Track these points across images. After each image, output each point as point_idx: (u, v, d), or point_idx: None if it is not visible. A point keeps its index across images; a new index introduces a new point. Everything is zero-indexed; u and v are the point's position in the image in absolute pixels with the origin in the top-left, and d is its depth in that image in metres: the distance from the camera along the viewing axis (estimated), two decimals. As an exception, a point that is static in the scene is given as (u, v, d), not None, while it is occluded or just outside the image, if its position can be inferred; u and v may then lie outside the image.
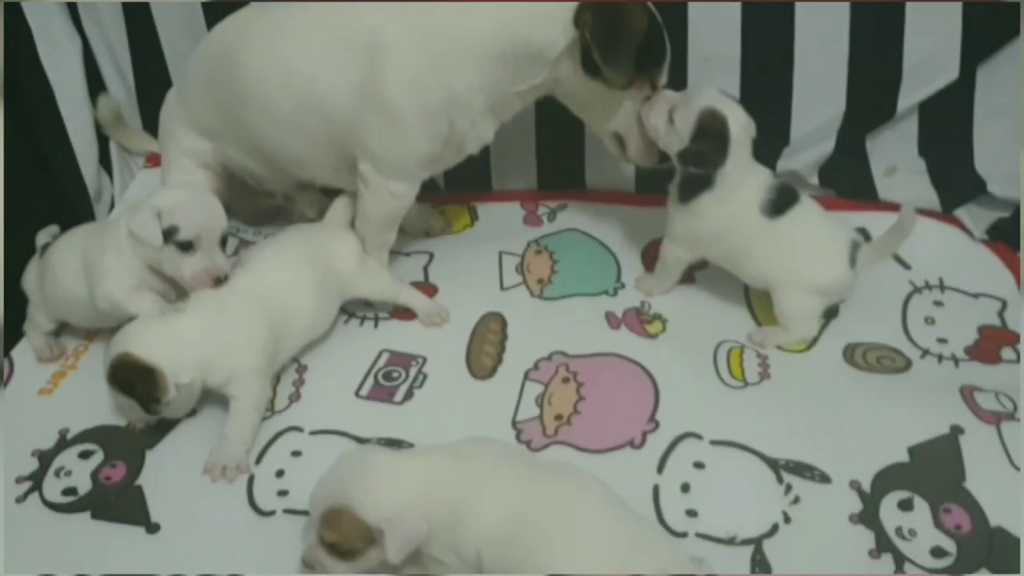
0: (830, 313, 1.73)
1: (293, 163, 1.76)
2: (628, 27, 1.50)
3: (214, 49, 1.73)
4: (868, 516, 1.36)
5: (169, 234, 1.49)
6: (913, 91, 1.88)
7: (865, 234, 1.87)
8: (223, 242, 1.56)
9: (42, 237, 1.75)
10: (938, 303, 1.77)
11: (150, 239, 1.49)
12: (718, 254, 1.71)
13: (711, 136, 1.58)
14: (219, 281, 1.54)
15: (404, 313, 1.79)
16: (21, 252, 1.73)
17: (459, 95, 1.56)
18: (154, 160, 2.16)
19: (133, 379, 1.45)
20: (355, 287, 1.72)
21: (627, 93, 1.60)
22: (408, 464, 1.24)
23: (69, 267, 1.62)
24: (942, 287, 1.80)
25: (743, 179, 1.62)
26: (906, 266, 1.84)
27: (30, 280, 1.71)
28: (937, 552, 1.31)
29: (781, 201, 1.64)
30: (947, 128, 1.92)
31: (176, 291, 1.61)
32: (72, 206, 1.98)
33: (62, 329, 1.77)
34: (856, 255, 1.64)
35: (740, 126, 1.59)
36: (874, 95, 1.90)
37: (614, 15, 1.49)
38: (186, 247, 1.51)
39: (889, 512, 1.37)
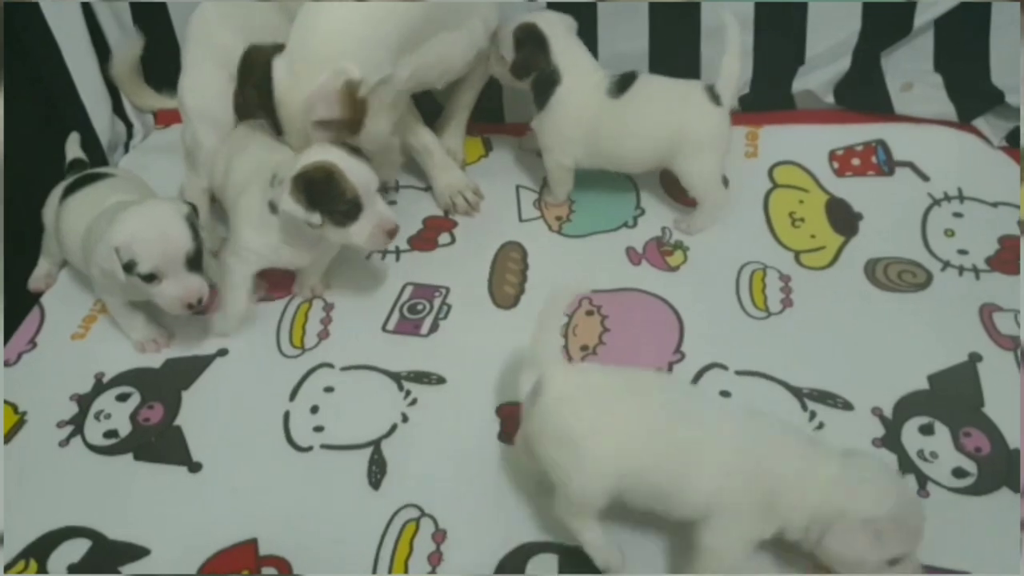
0: (851, 230, 1.74)
1: None
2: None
3: None
4: (890, 440, 1.39)
5: (129, 268, 1.45)
6: (929, 7, 1.86)
7: (884, 146, 1.89)
8: (191, 262, 1.49)
9: (71, 148, 1.80)
10: (958, 214, 1.77)
11: (114, 275, 1.46)
12: (595, 151, 1.76)
13: (528, 41, 1.71)
14: (192, 306, 1.50)
15: (426, 244, 1.81)
16: (34, 206, 1.74)
17: None
18: (163, 119, 2.16)
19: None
20: None
21: None
22: None
23: (74, 237, 1.61)
24: (961, 198, 1.79)
25: (585, 68, 1.74)
26: (925, 177, 1.84)
27: (48, 213, 1.71)
28: (959, 472, 1.34)
29: (623, 82, 1.72)
30: (963, 43, 1.90)
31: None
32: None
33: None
34: (715, 94, 1.69)
35: (551, 22, 1.72)
36: (890, 12, 1.88)
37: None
38: (150, 279, 1.47)
39: (911, 436, 1.39)
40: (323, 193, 1.45)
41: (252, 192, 1.59)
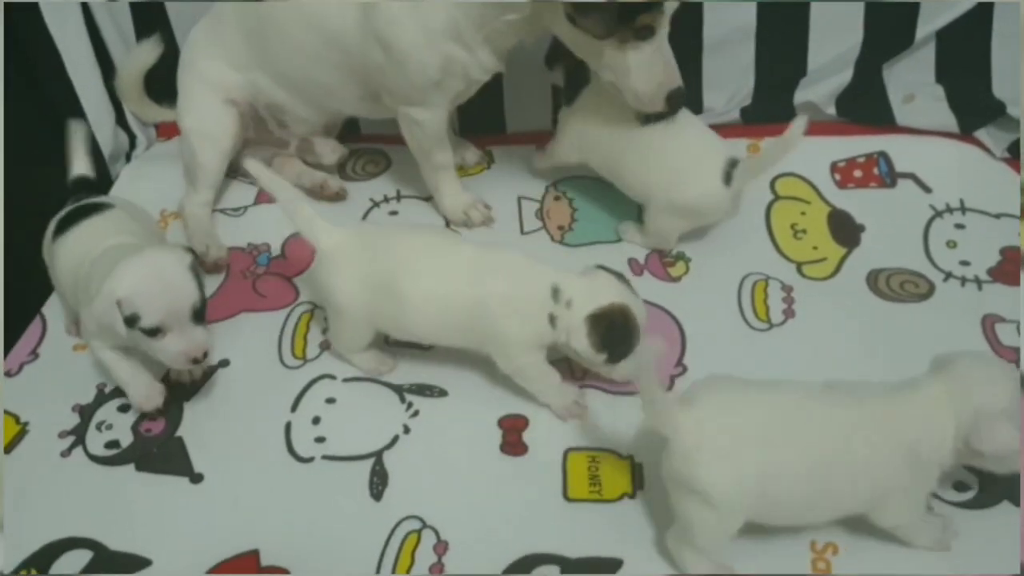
0: (853, 242, 1.74)
1: (324, 93, 1.81)
2: None
3: None
4: (892, 451, 1.38)
5: (132, 321, 1.37)
6: (931, 19, 1.86)
7: (886, 158, 1.89)
8: (197, 314, 1.42)
9: (76, 156, 1.70)
10: (960, 226, 1.77)
11: (115, 329, 1.38)
12: (599, 160, 1.74)
13: None
14: (197, 361, 1.43)
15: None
16: (36, 217, 1.72)
17: (444, 29, 1.56)
18: (165, 131, 2.17)
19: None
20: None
21: (608, 43, 1.50)
22: None
23: (68, 278, 1.54)
24: (963, 209, 1.79)
25: None
26: (927, 188, 1.84)
27: (46, 249, 1.63)
28: (960, 486, 1.33)
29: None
30: (965, 55, 1.90)
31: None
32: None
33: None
34: (732, 172, 1.61)
35: None
36: (892, 23, 1.88)
37: None
38: (154, 332, 1.39)
39: (912, 448, 1.39)
40: (618, 338, 1.39)
41: (514, 320, 1.43)
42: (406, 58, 1.60)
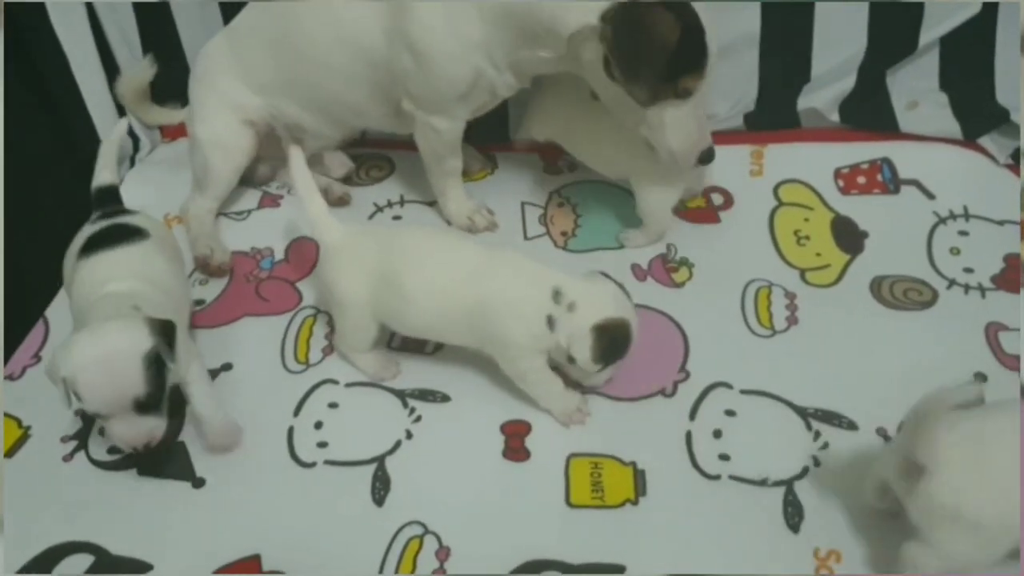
0: (856, 248, 1.74)
1: (350, 112, 1.82)
2: (653, 45, 1.41)
3: (270, 9, 1.76)
4: (895, 458, 1.38)
5: (77, 397, 1.32)
6: (934, 25, 1.86)
7: (890, 164, 1.88)
8: (141, 406, 1.33)
9: (105, 163, 1.69)
10: (963, 232, 1.76)
11: (61, 399, 1.33)
12: (564, 139, 1.79)
13: None
14: (138, 449, 1.36)
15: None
16: (39, 223, 1.73)
17: (477, 43, 1.56)
18: (169, 133, 2.18)
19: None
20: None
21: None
22: None
23: (77, 300, 1.50)
24: (967, 216, 1.79)
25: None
26: (930, 195, 1.84)
27: (67, 264, 1.59)
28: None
29: None
30: (969, 62, 1.90)
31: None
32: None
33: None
34: None
35: None
36: (895, 30, 1.88)
37: (638, 32, 1.40)
38: (97, 415, 1.35)
39: (915, 455, 1.38)
40: (616, 351, 1.41)
41: (513, 322, 1.43)
42: (436, 67, 1.60)
